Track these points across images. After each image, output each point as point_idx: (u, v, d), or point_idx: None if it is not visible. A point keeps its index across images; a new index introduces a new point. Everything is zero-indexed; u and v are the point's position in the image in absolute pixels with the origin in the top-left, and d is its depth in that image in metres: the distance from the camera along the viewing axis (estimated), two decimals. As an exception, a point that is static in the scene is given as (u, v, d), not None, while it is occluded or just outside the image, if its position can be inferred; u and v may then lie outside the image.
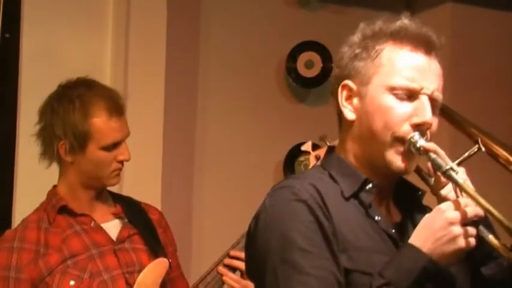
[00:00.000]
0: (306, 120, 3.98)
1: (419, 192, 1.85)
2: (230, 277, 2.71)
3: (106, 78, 3.46)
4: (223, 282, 2.73)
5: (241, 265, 2.68)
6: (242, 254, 2.61)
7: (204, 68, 3.91)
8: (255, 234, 1.72)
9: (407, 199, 1.84)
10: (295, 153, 3.97)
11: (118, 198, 2.67)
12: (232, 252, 2.72)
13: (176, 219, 3.58)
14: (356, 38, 1.79)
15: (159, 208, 2.79)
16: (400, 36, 1.75)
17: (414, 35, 1.75)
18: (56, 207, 2.54)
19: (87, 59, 3.53)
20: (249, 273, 1.78)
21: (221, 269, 2.72)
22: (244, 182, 3.88)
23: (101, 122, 2.49)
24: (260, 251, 1.68)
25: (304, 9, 4.11)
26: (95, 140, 2.49)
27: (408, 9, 4.17)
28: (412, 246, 1.63)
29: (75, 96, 2.51)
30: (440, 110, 1.84)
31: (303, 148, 2.77)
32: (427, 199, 1.84)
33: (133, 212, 2.65)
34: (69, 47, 3.54)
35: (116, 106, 2.53)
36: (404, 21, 1.76)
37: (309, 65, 4.05)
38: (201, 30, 3.92)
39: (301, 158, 3.97)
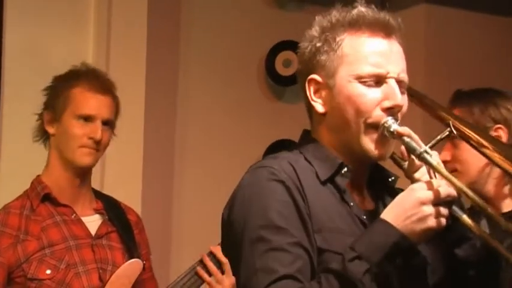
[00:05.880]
0: (284, 117, 4.02)
1: (392, 178, 1.86)
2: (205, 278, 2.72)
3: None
4: (200, 284, 2.73)
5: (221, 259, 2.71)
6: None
7: (184, 67, 3.93)
8: (231, 212, 1.74)
9: (381, 185, 1.86)
10: (273, 150, 4.00)
11: (100, 195, 2.71)
12: (213, 248, 2.74)
13: (156, 216, 3.62)
14: (314, 31, 1.81)
15: (139, 205, 2.80)
16: (358, 24, 1.75)
17: (372, 20, 1.75)
18: (40, 195, 2.57)
19: (68, 58, 3.51)
20: (225, 249, 1.79)
21: (199, 269, 2.72)
22: (224, 178, 3.88)
23: (79, 91, 2.59)
24: (237, 228, 1.70)
25: (282, 10, 4.15)
26: (70, 108, 2.57)
27: (382, 9, 4.23)
28: (384, 221, 1.65)
29: (69, 72, 2.66)
30: (411, 94, 1.84)
31: None
32: (402, 184, 1.84)
33: (113, 210, 2.68)
34: (51, 46, 3.56)
35: (99, 83, 2.62)
36: (360, 9, 1.77)
37: (286, 63, 4.09)
38: (181, 29, 3.94)
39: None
